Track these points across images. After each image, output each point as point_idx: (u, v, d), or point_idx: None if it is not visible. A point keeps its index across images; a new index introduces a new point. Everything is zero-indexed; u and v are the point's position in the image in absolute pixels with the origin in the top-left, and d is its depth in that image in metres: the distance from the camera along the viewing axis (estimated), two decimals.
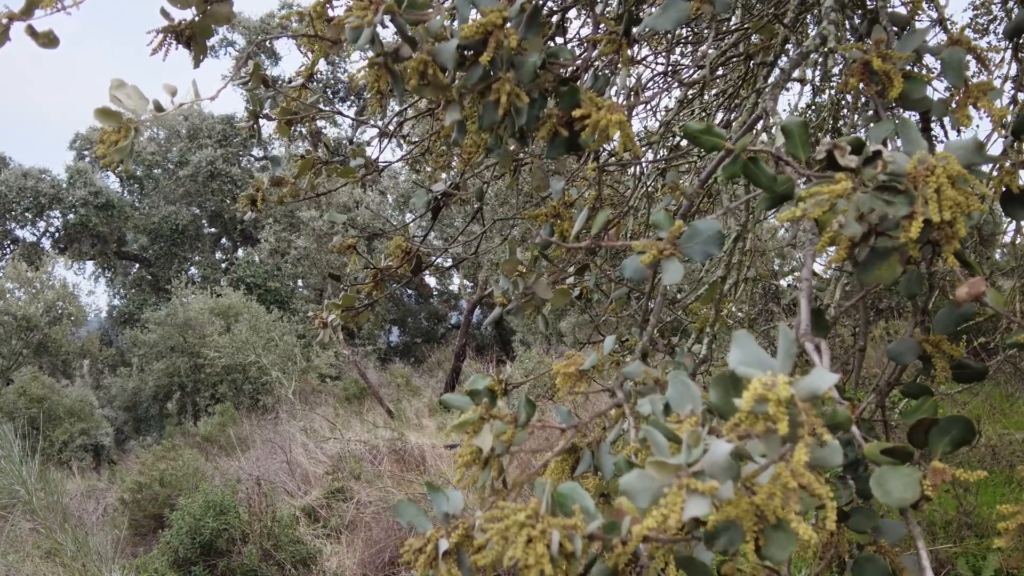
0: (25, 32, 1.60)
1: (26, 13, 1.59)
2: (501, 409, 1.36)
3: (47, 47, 1.64)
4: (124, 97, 1.46)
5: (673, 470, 0.92)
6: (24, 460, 6.42)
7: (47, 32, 1.62)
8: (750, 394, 0.93)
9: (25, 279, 20.84)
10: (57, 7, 1.57)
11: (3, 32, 1.59)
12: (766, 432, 0.94)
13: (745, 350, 0.99)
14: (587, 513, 1.08)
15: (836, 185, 1.13)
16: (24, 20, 1.59)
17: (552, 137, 1.45)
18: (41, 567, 7.27)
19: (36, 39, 1.62)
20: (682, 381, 1.37)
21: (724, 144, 1.29)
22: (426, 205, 2.64)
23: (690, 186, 1.50)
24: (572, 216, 1.90)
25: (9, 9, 1.59)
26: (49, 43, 1.63)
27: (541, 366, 13.54)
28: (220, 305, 20.34)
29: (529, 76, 1.36)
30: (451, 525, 1.37)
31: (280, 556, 8.32)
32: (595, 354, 1.56)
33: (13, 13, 1.58)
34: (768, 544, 0.98)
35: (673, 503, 0.89)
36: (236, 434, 15.21)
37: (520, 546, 1.02)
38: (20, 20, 1.59)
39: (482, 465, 1.38)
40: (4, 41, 1.61)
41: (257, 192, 2.66)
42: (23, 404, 17.52)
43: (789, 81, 1.63)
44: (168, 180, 27.61)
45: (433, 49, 1.37)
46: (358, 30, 1.35)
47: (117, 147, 1.44)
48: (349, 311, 2.86)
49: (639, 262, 1.33)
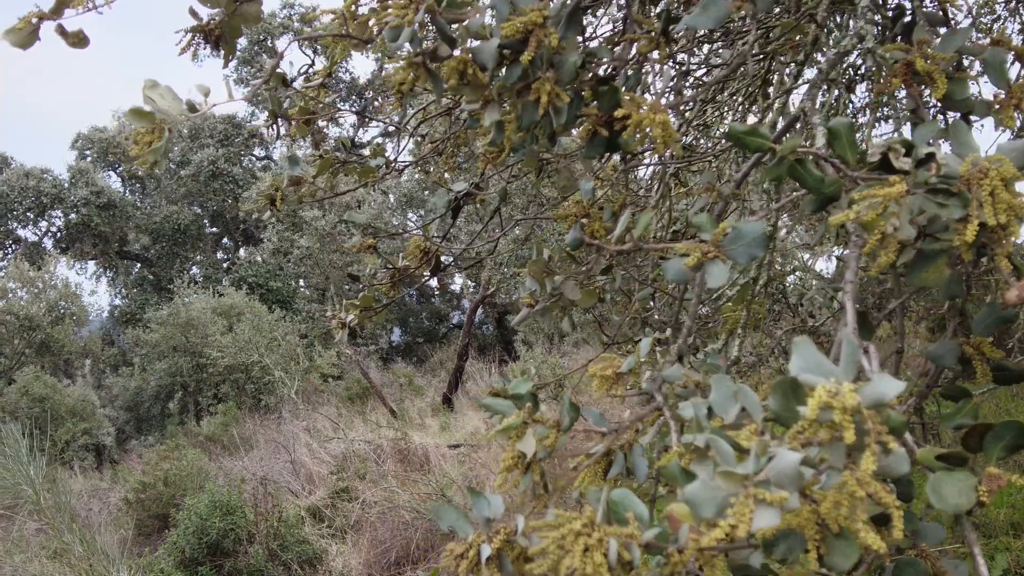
0: (55, 32, 1.58)
1: (56, 12, 1.57)
2: (544, 413, 1.34)
3: (77, 47, 1.62)
4: (157, 97, 1.45)
5: (739, 480, 0.90)
6: (32, 460, 6.41)
7: (77, 32, 1.60)
8: (815, 402, 0.91)
9: (27, 279, 20.83)
10: (88, 6, 1.55)
11: (33, 32, 1.57)
12: (831, 440, 0.92)
13: (806, 357, 0.97)
14: (641, 521, 1.07)
15: (891, 187, 1.11)
16: (54, 19, 1.57)
17: (591, 137, 1.44)
18: (48, 567, 7.25)
19: (66, 39, 1.60)
20: (726, 385, 1.35)
21: (769, 145, 1.27)
22: (447, 205, 2.62)
23: (727, 186, 1.49)
24: (601, 216, 1.88)
25: (39, 8, 1.57)
26: (79, 43, 1.61)
27: (545, 366, 13.52)
28: (222, 305, 20.32)
29: (570, 75, 1.35)
30: (492, 530, 1.36)
31: (286, 556, 8.31)
32: (632, 357, 1.54)
33: (43, 12, 1.56)
34: (831, 553, 0.97)
35: (741, 513, 0.87)
36: (239, 434, 15.19)
37: (578, 555, 1.00)
38: (50, 19, 1.57)
39: (524, 470, 1.36)
40: (33, 41, 1.59)
41: (276, 192, 2.64)
42: (25, 404, 17.51)
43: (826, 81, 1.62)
44: (170, 180, 27.58)
45: (473, 48, 1.35)
46: (398, 29, 1.33)
47: (152, 148, 1.42)
48: (367, 311, 2.85)
49: (682, 265, 1.31)
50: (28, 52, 1.60)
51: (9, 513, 10.18)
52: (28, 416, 16.50)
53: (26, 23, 1.57)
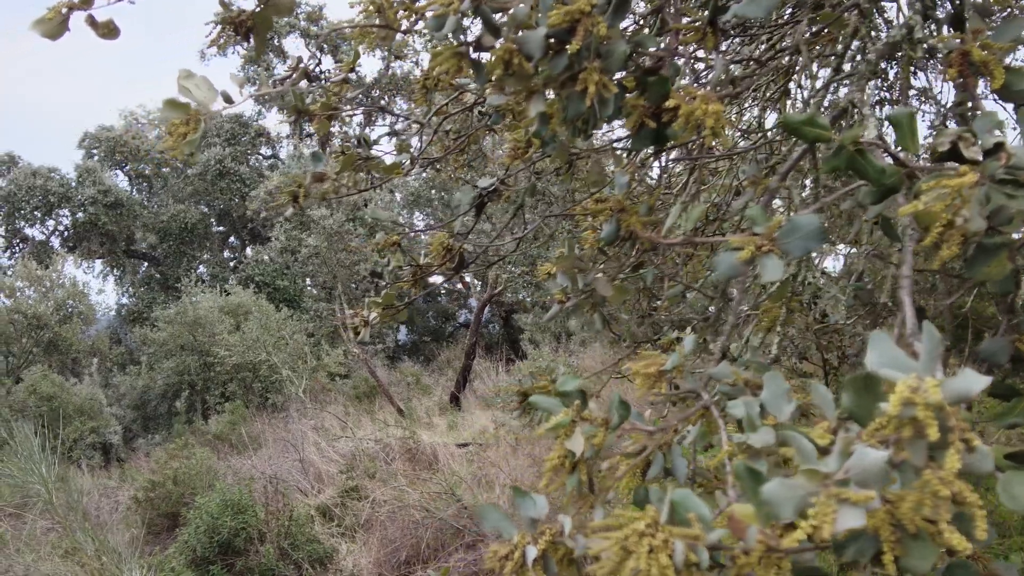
0: (85, 22, 1.55)
1: (86, 3, 1.54)
2: (592, 411, 1.31)
3: (107, 37, 1.59)
4: (193, 88, 1.41)
5: (820, 478, 0.86)
6: (43, 458, 6.38)
7: (107, 22, 1.57)
8: (897, 398, 0.88)
9: (35, 278, 20.84)
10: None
11: (62, 22, 1.54)
12: (913, 438, 0.89)
13: (883, 351, 0.93)
14: (704, 522, 1.03)
15: (962, 177, 1.08)
16: (84, 10, 1.54)
17: (638, 129, 1.40)
18: (60, 566, 7.24)
19: (96, 30, 1.57)
20: (779, 382, 1.32)
21: (829, 136, 1.24)
22: (471, 202, 2.59)
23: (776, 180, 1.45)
24: (638, 210, 1.84)
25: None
26: (109, 33, 1.58)
27: (554, 365, 13.49)
28: (229, 303, 20.31)
29: (618, 65, 1.31)
30: (538, 531, 1.32)
31: (297, 555, 8.29)
32: (676, 354, 1.50)
33: (73, 3, 1.53)
34: (908, 555, 0.93)
35: (824, 514, 0.84)
36: (247, 432, 15.19)
37: (643, 557, 0.97)
38: (80, 10, 1.54)
39: (570, 469, 1.33)
40: (63, 31, 1.56)
41: (299, 188, 2.61)
42: (33, 402, 17.52)
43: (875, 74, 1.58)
44: (176, 179, 27.59)
45: (519, 38, 1.31)
46: (442, 18, 1.30)
47: (187, 140, 1.39)
48: (389, 309, 2.82)
49: (735, 259, 1.27)
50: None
51: (19, 512, 10.18)
52: (36, 414, 16.52)
53: (56, 13, 1.54)
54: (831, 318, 3.25)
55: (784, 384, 1.32)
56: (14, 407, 17.19)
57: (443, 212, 20.71)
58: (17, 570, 7.76)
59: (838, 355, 4.20)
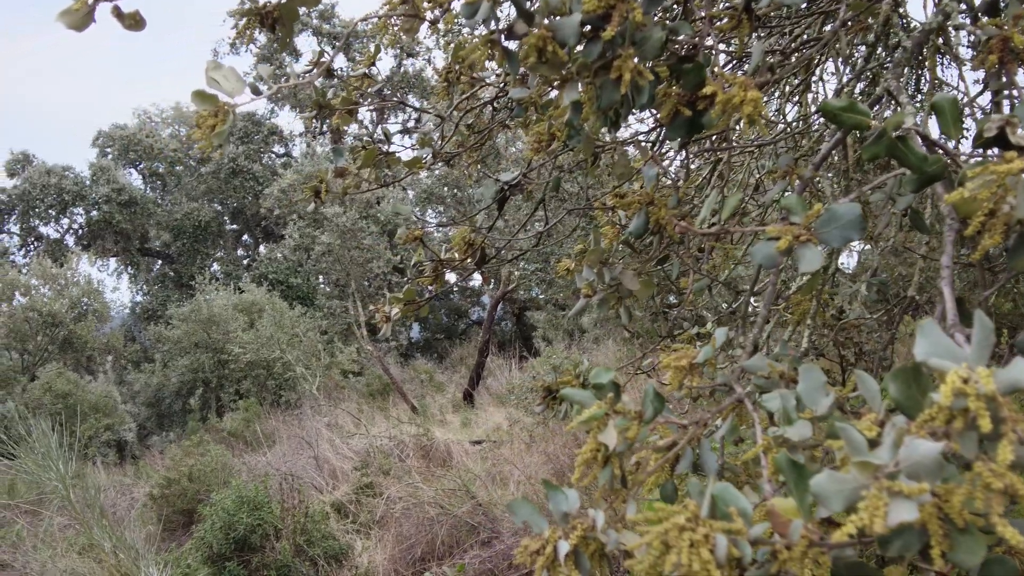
0: (111, 13, 1.54)
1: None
2: (625, 404, 1.29)
3: (133, 29, 1.58)
4: (221, 79, 1.40)
5: (871, 471, 0.84)
6: (61, 456, 6.41)
7: (133, 13, 1.56)
8: (949, 388, 0.85)
9: (50, 276, 20.94)
10: None
11: (88, 14, 1.53)
12: (965, 429, 0.86)
13: (933, 340, 0.91)
14: (745, 516, 1.01)
15: (1010, 164, 1.05)
16: (110, 1, 1.53)
17: (672, 117, 1.38)
18: (78, 563, 7.26)
19: (122, 21, 1.56)
20: (816, 375, 1.30)
21: (868, 123, 1.21)
22: (494, 196, 2.57)
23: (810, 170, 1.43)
24: (666, 202, 1.82)
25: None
26: (135, 24, 1.57)
27: (568, 362, 13.45)
28: (243, 301, 20.38)
29: (654, 52, 1.29)
30: (569, 525, 1.30)
31: (313, 552, 8.29)
32: (708, 347, 1.48)
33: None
34: (957, 549, 0.91)
35: (875, 507, 0.82)
36: (261, 430, 15.22)
37: (684, 551, 0.95)
38: (105, 1, 1.53)
39: (603, 463, 1.31)
40: (89, 23, 1.55)
41: (321, 184, 2.60)
42: (49, 400, 17.60)
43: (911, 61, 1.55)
44: (190, 177, 27.70)
45: (552, 24, 1.29)
46: (475, 5, 1.28)
47: (215, 132, 1.37)
48: (411, 304, 2.80)
49: (772, 249, 1.25)
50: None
51: (36, 508, 10.22)
52: (51, 412, 16.60)
53: (82, 4, 1.53)
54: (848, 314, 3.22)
55: (821, 376, 1.30)
56: (30, 404, 17.26)
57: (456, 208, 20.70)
58: (34, 567, 7.79)
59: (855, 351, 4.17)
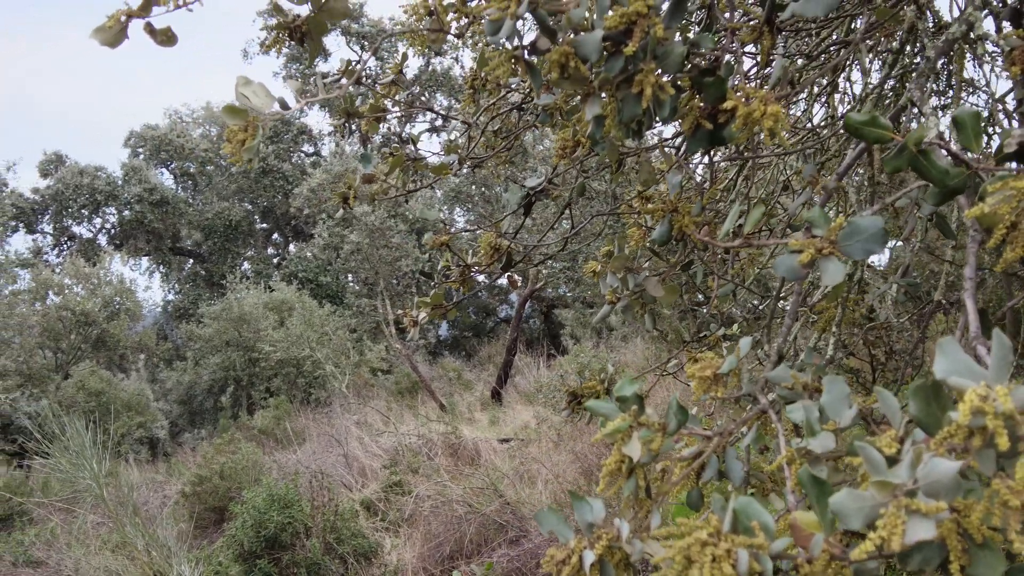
0: (143, 30, 1.58)
1: (144, 10, 1.56)
2: (649, 416, 1.30)
3: (165, 45, 1.61)
4: (251, 95, 1.43)
5: (891, 489, 0.85)
6: (95, 454, 6.51)
7: (165, 30, 1.59)
8: (967, 406, 0.86)
9: (83, 275, 21.21)
10: (179, 3, 1.53)
11: (121, 31, 1.56)
12: (983, 447, 0.87)
13: (952, 358, 0.92)
14: (767, 530, 1.02)
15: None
16: (142, 17, 1.56)
17: (694, 130, 1.39)
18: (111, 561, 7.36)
19: (154, 37, 1.59)
20: (840, 386, 1.30)
21: (891, 137, 1.22)
22: (520, 201, 2.59)
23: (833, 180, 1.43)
24: (690, 210, 1.83)
25: (128, 6, 1.56)
26: (167, 41, 1.60)
27: (595, 360, 13.45)
28: (274, 300, 20.55)
29: (676, 66, 1.30)
30: (594, 535, 1.32)
31: (342, 550, 8.36)
32: (732, 357, 1.49)
33: (131, 10, 1.55)
34: (975, 564, 0.92)
35: (893, 525, 0.83)
36: (291, 427, 15.35)
37: (706, 566, 0.96)
38: (138, 17, 1.56)
39: (627, 474, 1.33)
40: (121, 40, 1.58)
41: (350, 190, 2.63)
42: (82, 398, 17.84)
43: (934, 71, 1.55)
44: (221, 176, 27.96)
45: (574, 40, 1.31)
46: (498, 23, 1.29)
47: (245, 147, 1.40)
48: (438, 308, 2.83)
49: (795, 261, 1.26)
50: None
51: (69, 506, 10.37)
52: (85, 410, 16.83)
53: (115, 21, 1.56)
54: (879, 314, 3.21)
55: (844, 388, 1.31)
56: (63, 402, 17.51)
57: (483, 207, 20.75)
58: (68, 564, 7.91)
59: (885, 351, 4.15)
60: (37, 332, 19.85)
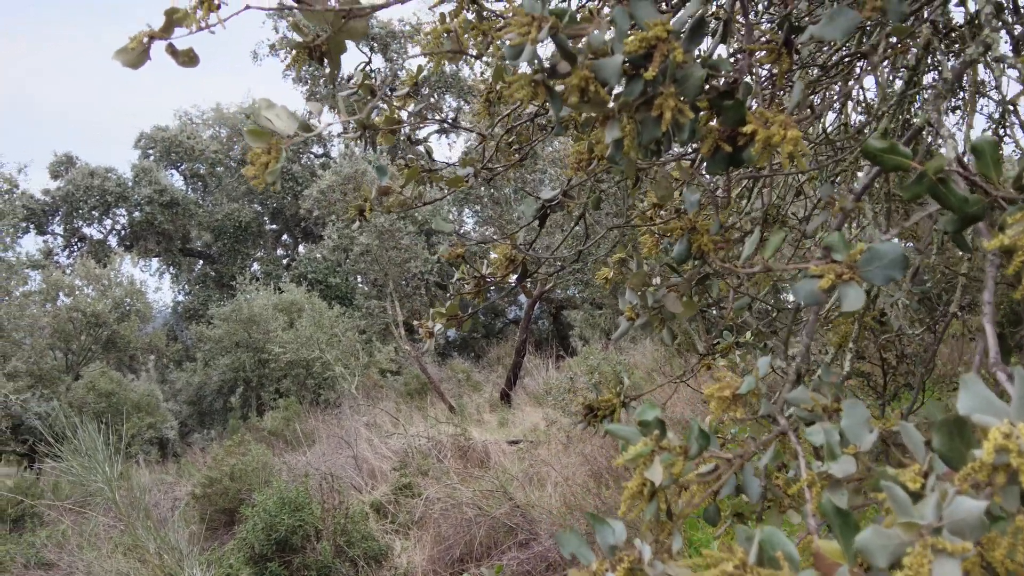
0: (166, 51, 1.59)
1: (166, 31, 1.57)
2: (671, 440, 1.31)
3: (187, 66, 1.62)
4: (274, 117, 1.44)
5: (916, 529, 0.86)
6: (107, 457, 6.52)
7: (187, 51, 1.60)
8: (991, 444, 0.87)
9: (94, 276, 21.28)
10: (201, 25, 1.54)
11: (144, 51, 1.58)
12: (1007, 484, 0.87)
13: (975, 394, 0.92)
14: (791, 561, 1.03)
15: None
16: (164, 39, 1.57)
17: (713, 153, 1.40)
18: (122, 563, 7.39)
19: (176, 58, 1.60)
20: (860, 410, 1.31)
21: (910, 164, 1.22)
22: (535, 214, 2.60)
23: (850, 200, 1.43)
24: (708, 227, 1.83)
25: (150, 27, 1.57)
26: (189, 62, 1.61)
27: (605, 362, 13.44)
28: (283, 301, 20.60)
29: (695, 90, 1.31)
30: (616, 558, 1.32)
31: (353, 552, 8.38)
32: (751, 377, 1.49)
33: (153, 31, 1.56)
34: None
35: (919, 564, 0.83)
36: (301, 429, 15.38)
37: None
38: (160, 39, 1.57)
39: (649, 498, 1.33)
40: (144, 61, 1.60)
41: (365, 203, 2.64)
42: (92, 399, 17.90)
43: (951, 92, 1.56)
44: (231, 178, 28.04)
45: (594, 65, 1.31)
46: (519, 48, 1.30)
47: (269, 170, 1.41)
48: (453, 319, 2.84)
49: (815, 286, 1.26)
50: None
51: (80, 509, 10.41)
52: (95, 411, 16.90)
53: (137, 43, 1.57)
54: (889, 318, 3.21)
55: (864, 411, 1.31)
56: (74, 403, 17.58)
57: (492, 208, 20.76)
58: (79, 566, 7.94)
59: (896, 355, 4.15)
60: (48, 333, 19.92)
